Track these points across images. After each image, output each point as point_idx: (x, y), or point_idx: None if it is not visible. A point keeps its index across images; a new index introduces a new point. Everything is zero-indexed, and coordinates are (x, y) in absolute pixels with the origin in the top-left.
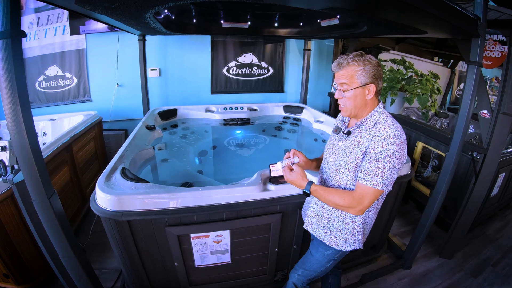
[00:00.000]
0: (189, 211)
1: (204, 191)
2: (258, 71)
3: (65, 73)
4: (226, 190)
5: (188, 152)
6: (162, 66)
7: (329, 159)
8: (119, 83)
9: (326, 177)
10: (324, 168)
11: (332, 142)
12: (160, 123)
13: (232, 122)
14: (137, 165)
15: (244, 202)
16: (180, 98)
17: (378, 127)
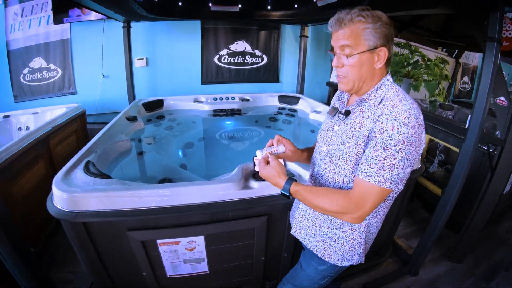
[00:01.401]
0: (153, 212)
1: (171, 189)
2: (251, 59)
3: (50, 65)
4: (198, 187)
5: (172, 144)
6: (150, 55)
7: (322, 147)
8: (105, 74)
9: (318, 171)
10: (315, 159)
11: (327, 126)
12: (145, 114)
13: (222, 113)
14: (109, 159)
15: (219, 202)
16: (169, 89)
17: (386, 103)
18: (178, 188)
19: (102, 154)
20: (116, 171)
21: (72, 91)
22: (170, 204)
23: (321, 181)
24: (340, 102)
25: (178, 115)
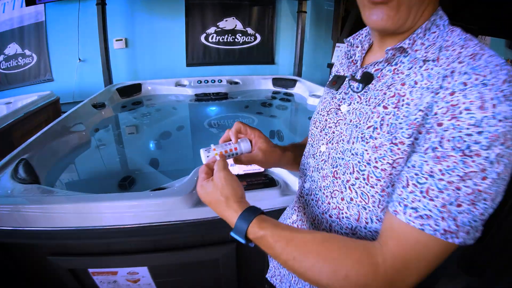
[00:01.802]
0: (73, 236)
1: (92, 204)
2: (242, 38)
3: (25, 51)
4: (129, 203)
5: (145, 134)
6: (129, 35)
7: (319, 146)
8: (82, 59)
9: (310, 190)
10: (307, 167)
11: (327, 107)
12: (120, 100)
13: (206, 98)
14: (59, 155)
15: (162, 224)
16: (151, 73)
17: (454, 53)
18: (100, 204)
19: (47, 150)
20: (68, 169)
21: (48, 78)
22: (91, 225)
23: (315, 212)
24: (348, 64)
25: (157, 100)
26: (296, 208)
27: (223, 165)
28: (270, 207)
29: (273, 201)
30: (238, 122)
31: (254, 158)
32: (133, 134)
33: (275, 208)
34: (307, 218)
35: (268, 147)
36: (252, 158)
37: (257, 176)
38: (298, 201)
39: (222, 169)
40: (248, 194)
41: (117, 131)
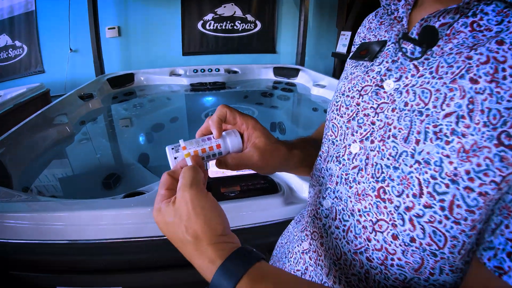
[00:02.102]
0: (33, 250)
1: (48, 215)
2: (242, 26)
3: (15, 42)
4: (91, 213)
5: (135, 126)
6: (122, 23)
7: (347, 144)
8: (73, 48)
9: (334, 215)
10: (325, 175)
11: (357, 85)
12: (110, 91)
13: (202, 87)
14: (37, 151)
15: (132, 240)
16: (145, 62)
17: None
18: (61, 214)
19: (23, 146)
20: (47, 167)
21: (39, 69)
22: (52, 239)
23: (342, 248)
24: (391, 23)
25: (150, 91)
26: (308, 233)
27: (193, 178)
28: (270, 219)
29: (274, 212)
30: (223, 105)
31: (247, 160)
32: (122, 126)
33: (277, 221)
34: (327, 253)
35: (268, 144)
36: (244, 160)
37: (253, 178)
38: (312, 224)
39: (190, 186)
40: (242, 203)
41: (105, 124)
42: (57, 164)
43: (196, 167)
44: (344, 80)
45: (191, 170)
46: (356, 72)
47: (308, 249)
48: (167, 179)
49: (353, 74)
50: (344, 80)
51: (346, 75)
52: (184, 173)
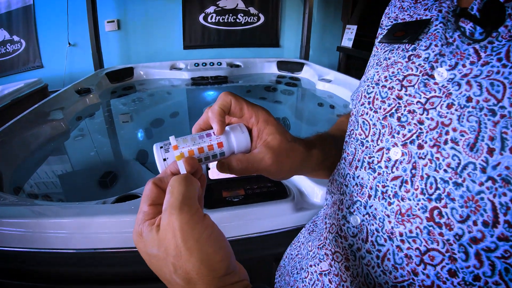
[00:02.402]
0: (16, 258)
1: (31, 221)
2: (245, 18)
3: (13, 37)
4: (76, 220)
5: (133, 122)
6: (122, 16)
7: (385, 147)
8: (72, 42)
9: (365, 236)
10: (350, 183)
11: (398, 74)
12: (109, 86)
13: (204, 81)
14: (30, 148)
15: (123, 251)
16: (145, 56)
17: None
18: (43, 220)
19: (15, 143)
20: (40, 165)
21: (38, 64)
22: (36, 247)
23: (376, 279)
24: (427, 6)
25: (150, 85)
26: (329, 252)
27: (183, 195)
28: (279, 228)
29: (283, 219)
30: (227, 93)
31: (257, 163)
32: (120, 122)
33: (286, 229)
34: (355, 279)
35: (283, 143)
36: (253, 163)
37: (259, 181)
38: (334, 243)
39: (179, 208)
40: (247, 209)
41: (102, 120)
42: (51, 162)
43: (188, 178)
44: (376, 66)
45: (182, 183)
46: (393, 57)
47: (328, 270)
48: (151, 190)
49: (388, 59)
50: (376, 66)
51: (379, 61)
52: (173, 187)
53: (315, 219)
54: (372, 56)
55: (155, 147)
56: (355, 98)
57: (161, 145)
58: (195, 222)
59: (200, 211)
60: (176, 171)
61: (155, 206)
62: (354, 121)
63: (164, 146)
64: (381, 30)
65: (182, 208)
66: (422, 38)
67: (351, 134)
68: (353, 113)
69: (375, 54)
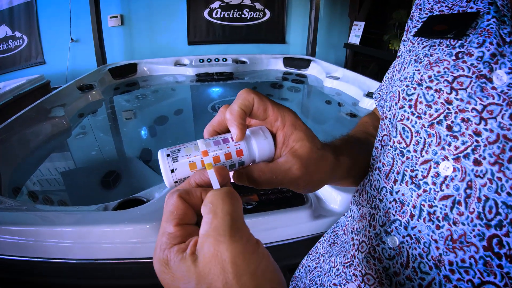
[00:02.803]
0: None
1: (27, 229)
2: (250, 14)
3: (15, 33)
4: (74, 229)
5: (137, 119)
6: (125, 12)
7: (431, 160)
8: (74, 38)
9: (405, 260)
10: (383, 198)
11: (446, 74)
12: (112, 82)
13: (209, 78)
14: (30, 146)
15: (125, 262)
16: (149, 52)
17: None
18: (40, 228)
19: (15, 141)
20: (41, 164)
21: (40, 60)
22: (34, 256)
23: None
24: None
25: (154, 81)
26: (358, 274)
27: (231, 217)
28: (295, 237)
29: (300, 227)
30: (248, 90)
31: (282, 174)
32: (123, 119)
33: (303, 237)
34: None
35: (313, 151)
36: (277, 174)
37: None
38: (366, 264)
39: (230, 234)
40: (262, 218)
41: (104, 117)
42: (52, 161)
43: (233, 194)
44: (415, 64)
45: (226, 201)
46: (436, 54)
47: None
48: (178, 206)
49: (430, 56)
50: (415, 64)
51: (418, 58)
52: (215, 206)
53: (335, 229)
54: (407, 52)
55: (161, 154)
56: (389, 99)
57: (167, 153)
58: (250, 252)
59: (253, 237)
60: (203, 182)
61: (182, 226)
62: (388, 125)
63: (172, 153)
64: (412, 22)
65: (233, 234)
66: (471, 33)
67: (385, 141)
68: (386, 116)
69: (411, 50)
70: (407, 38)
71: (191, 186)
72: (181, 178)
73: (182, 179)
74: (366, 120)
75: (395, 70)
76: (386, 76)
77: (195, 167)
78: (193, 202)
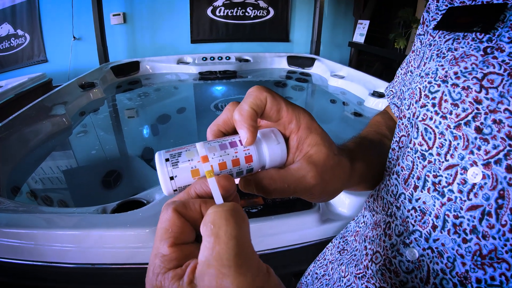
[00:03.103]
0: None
1: (21, 232)
2: (254, 12)
3: (17, 31)
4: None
5: (139, 118)
6: (128, 9)
7: (458, 164)
8: (76, 36)
9: (425, 277)
10: (400, 205)
11: (473, 70)
12: (114, 80)
13: (212, 76)
14: (30, 145)
15: (123, 267)
16: (152, 50)
17: None
18: (33, 231)
19: (14, 140)
20: (40, 163)
21: (42, 58)
22: (27, 258)
23: None
24: None
25: (157, 80)
26: (372, 286)
27: (238, 240)
28: (301, 242)
29: (307, 232)
30: (261, 88)
31: (295, 184)
32: (125, 118)
33: (310, 242)
34: None
35: (330, 157)
36: (290, 183)
37: None
38: (380, 277)
39: (236, 265)
40: (267, 222)
41: (106, 115)
42: (52, 160)
43: (239, 213)
44: (438, 58)
45: (231, 221)
46: (461, 49)
47: None
48: (173, 222)
49: (455, 51)
50: (438, 58)
51: (441, 52)
52: (217, 227)
53: (344, 234)
54: (427, 46)
55: (158, 158)
56: (408, 97)
57: (166, 157)
58: (260, 286)
59: (263, 265)
60: (205, 193)
61: (179, 247)
62: (407, 125)
63: (171, 158)
64: (428, 15)
65: (240, 265)
66: (499, 27)
67: (402, 142)
68: (405, 115)
69: (431, 44)
70: (424, 32)
71: (190, 197)
72: (181, 186)
73: (183, 187)
74: (378, 120)
75: (410, 66)
76: (399, 72)
77: (197, 175)
78: (191, 216)
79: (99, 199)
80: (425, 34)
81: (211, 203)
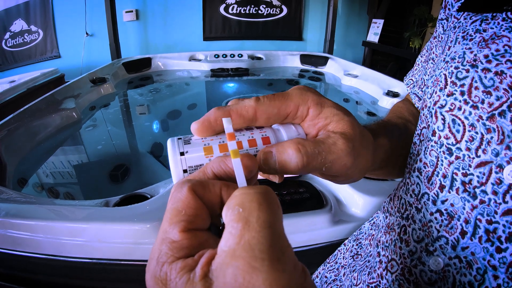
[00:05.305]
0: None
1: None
2: (267, 10)
3: (31, 27)
4: (68, 225)
5: (149, 113)
6: (140, 6)
7: (491, 161)
8: (89, 32)
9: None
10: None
11: (505, 52)
12: (126, 76)
13: (224, 73)
14: (39, 137)
15: (123, 263)
16: (164, 47)
17: None
18: (32, 222)
19: (23, 132)
20: (49, 155)
21: (55, 54)
22: (25, 250)
23: None
24: None
25: (168, 76)
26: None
27: (273, 229)
28: (311, 243)
29: (318, 233)
30: (305, 88)
31: (326, 151)
32: (136, 113)
33: (320, 244)
34: None
35: (355, 124)
36: (321, 150)
37: (290, 185)
38: (396, 287)
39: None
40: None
41: (116, 110)
42: (61, 153)
43: (274, 199)
44: (465, 41)
45: (264, 205)
46: (491, 29)
47: None
48: (188, 203)
49: (483, 32)
50: (465, 41)
51: (467, 34)
52: (247, 211)
53: (358, 237)
54: (451, 29)
55: (170, 140)
56: (431, 85)
57: (181, 142)
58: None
59: (299, 263)
60: (224, 173)
61: (192, 233)
62: (427, 116)
63: (184, 137)
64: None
65: (276, 259)
66: None
67: (423, 134)
68: (426, 104)
69: (456, 26)
70: (448, 15)
71: (206, 177)
72: (192, 166)
73: (194, 168)
74: (400, 105)
75: (431, 53)
76: (419, 59)
77: (211, 153)
78: (209, 199)
79: (106, 192)
80: (449, 18)
81: (233, 187)
